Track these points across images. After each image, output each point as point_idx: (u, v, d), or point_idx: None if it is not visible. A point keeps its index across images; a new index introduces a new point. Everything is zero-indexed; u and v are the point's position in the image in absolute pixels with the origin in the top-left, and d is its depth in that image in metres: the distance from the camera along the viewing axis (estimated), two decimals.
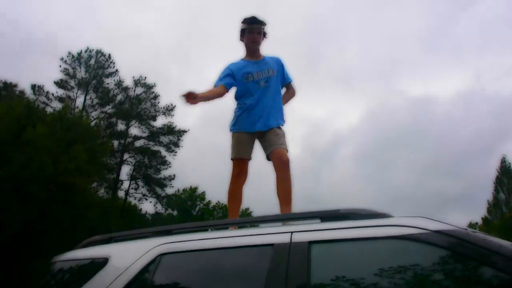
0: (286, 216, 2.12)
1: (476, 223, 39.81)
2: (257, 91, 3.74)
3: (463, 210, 59.82)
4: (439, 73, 77.81)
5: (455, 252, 1.52)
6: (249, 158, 3.75)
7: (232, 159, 3.74)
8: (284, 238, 1.77)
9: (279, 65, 3.92)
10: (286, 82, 3.98)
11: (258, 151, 3.79)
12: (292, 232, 1.79)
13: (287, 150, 3.59)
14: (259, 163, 3.84)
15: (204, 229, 2.28)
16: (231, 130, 3.84)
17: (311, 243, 1.71)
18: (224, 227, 2.30)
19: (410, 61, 74.13)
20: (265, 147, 3.67)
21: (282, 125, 3.79)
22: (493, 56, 73.75)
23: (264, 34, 3.90)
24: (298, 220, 2.05)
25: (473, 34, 78.57)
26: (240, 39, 3.91)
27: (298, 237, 1.75)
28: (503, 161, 39.94)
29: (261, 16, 3.85)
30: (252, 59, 3.88)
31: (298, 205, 3.47)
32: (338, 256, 1.72)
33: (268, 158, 3.63)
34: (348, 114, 77.13)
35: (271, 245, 1.77)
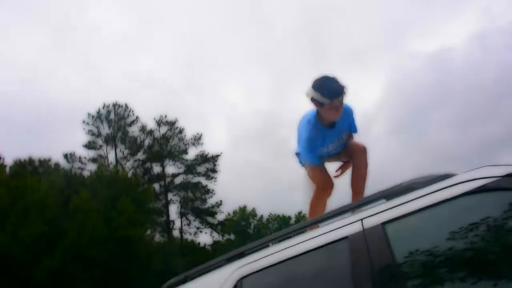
0: (350, 206, 2.02)
1: None
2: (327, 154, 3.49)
3: None
4: (445, 22, 75.63)
5: None
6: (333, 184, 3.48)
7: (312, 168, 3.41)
8: (356, 227, 1.73)
9: (350, 119, 3.34)
10: (350, 131, 3.43)
11: None
12: (362, 220, 1.75)
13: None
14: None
15: (272, 242, 2.22)
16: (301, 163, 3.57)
17: (384, 224, 1.65)
18: (293, 234, 2.23)
19: (414, 19, 72.38)
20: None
21: None
22: None
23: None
24: (363, 206, 1.97)
25: None
26: (314, 105, 3.20)
27: (370, 222, 1.70)
28: None
29: (340, 79, 3.08)
30: (327, 124, 3.25)
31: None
32: (415, 229, 1.65)
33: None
34: (370, 91, 75.80)
35: (345, 237, 1.73)
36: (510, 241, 1.46)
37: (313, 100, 3.09)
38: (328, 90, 2.98)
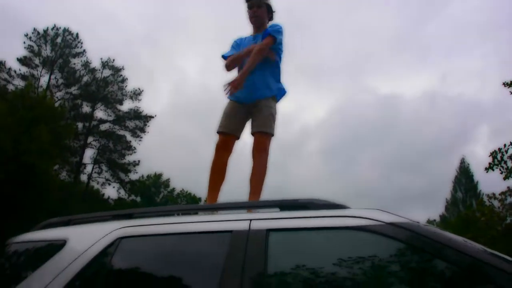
0: (246, 204, 2.13)
1: (434, 220, 41.21)
2: (244, 64, 3.59)
3: (423, 207, 61.85)
4: (407, 72, 79.65)
5: (408, 244, 1.57)
6: (235, 135, 3.58)
7: (217, 132, 3.58)
8: (243, 225, 1.80)
9: (272, 31, 3.66)
10: (266, 34, 3.66)
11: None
12: (251, 220, 1.82)
13: (269, 134, 3.46)
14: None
15: (165, 214, 2.25)
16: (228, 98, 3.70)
17: (269, 230, 1.74)
18: (185, 213, 2.30)
19: (380, 59, 75.50)
20: (251, 127, 3.55)
21: (271, 96, 3.61)
22: (459, 60, 75.87)
23: (269, 8, 3.84)
24: (258, 208, 2.08)
25: (441, 36, 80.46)
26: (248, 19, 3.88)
27: (257, 225, 1.78)
28: (462, 161, 41.46)
29: None
30: (254, 34, 3.84)
31: (263, 197, 3.44)
32: (295, 244, 1.75)
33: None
34: (316, 108, 77.98)
35: (230, 231, 1.80)
36: (377, 282, 1.56)
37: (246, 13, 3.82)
38: None
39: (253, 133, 3.49)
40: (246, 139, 3.69)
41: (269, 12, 3.88)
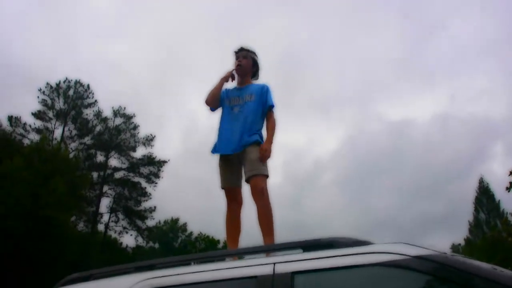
0: (268, 248, 2.09)
1: (459, 244, 40.12)
2: (229, 116, 3.79)
3: (446, 231, 60.30)
4: (415, 97, 79.62)
5: (436, 276, 1.54)
6: (238, 186, 3.68)
7: (221, 188, 3.72)
8: (267, 270, 1.77)
9: (263, 91, 3.84)
10: (266, 106, 3.80)
11: None
12: (274, 263, 1.79)
13: (262, 175, 3.49)
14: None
15: (187, 263, 2.24)
16: (211, 152, 3.82)
17: (294, 273, 1.71)
18: (208, 260, 2.26)
19: (386, 86, 75.76)
20: (244, 173, 3.61)
21: (256, 141, 3.65)
22: (466, 79, 75.88)
23: (254, 62, 4.02)
24: (280, 250, 2.04)
25: (444, 58, 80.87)
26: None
27: (281, 268, 1.75)
28: (481, 181, 40.64)
29: (251, 46, 4.02)
30: (238, 86, 4.00)
31: (281, 235, 3.41)
32: (321, 285, 1.72)
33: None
34: (328, 140, 77.89)
35: (255, 277, 1.77)
36: None
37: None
38: (235, 49, 4.04)
39: (247, 180, 3.53)
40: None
41: (254, 66, 4.05)
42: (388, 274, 1.60)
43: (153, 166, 35.44)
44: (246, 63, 3.97)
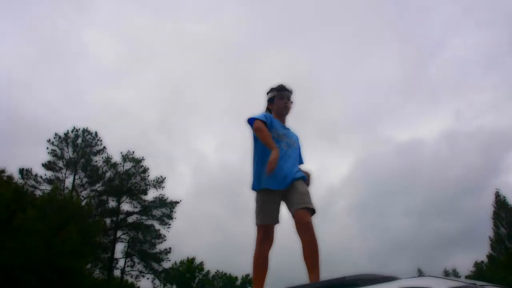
0: None
1: (482, 262, 39.09)
2: (280, 148, 3.56)
3: (467, 250, 59.01)
4: (421, 117, 79.65)
5: None
6: (276, 222, 3.59)
7: (256, 225, 3.57)
8: None
9: (298, 142, 3.90)
10: (301, 162, 3.88)
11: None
12: None
13: (309, 209, 3.37)
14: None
15: None
16: (254, 188, 3.65)
17: None
18: None
19: (392, 108, 76.11)
20: (288, 207, 3.50)
21: (301, 177, 3.59)
22: (469, 94, 76.01)
23: (291, 103, 3.89)
24: None
25: (446, 75, 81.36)
26: (268, 107, 3.91)
27: None
28: (498, 195, 39.87)
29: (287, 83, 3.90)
30: (280, 122, 3.83)
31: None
32: None
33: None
34: (338, 167, 77.60)
35: None
36: None
37: (268, 101, 3.90)
38: (277, 86, 3.86)
39: (294, 212, 3.39)
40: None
41: None
42: None
43: (165, 208, 35.35)
44: (291, 105, 3.88)
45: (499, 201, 39.53)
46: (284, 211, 3.60)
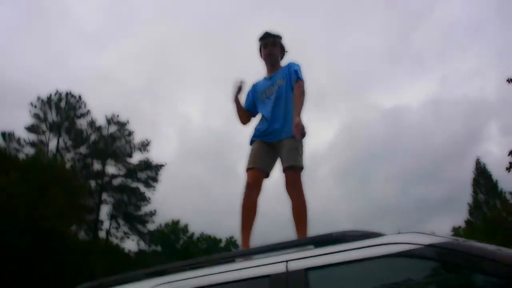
0: (279, 245, 2.07)
1: (460, 227, 40.29)
2: (268, 105, 3.67)
3: (446, 215, 60.66)
4: (406, 84, 79.90)
5: (450, 263, 1.54)
6: (264, 171, 3.54)
7: (246, 170, 3.55)
8: (280, 268, 1.75)
9: (290, 70, 3.71)
10: (292, 81, 3.64)
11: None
12: (287, 261, 1.77)
13: (297, 167, 3.39)
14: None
15: (197, 266, 2.19)
16: (250, 142, 3.73)
17: (307, 270, 1.70)
18: (219, 262, 2.20)
19: (378, 75, 76.00)
20: (281, 163, 3.51)
21: (292, 135, 3.49)
22: (454, 62, 76.19)
23: (282, 47, 3.89)
24: (292, 248, 2.02)
25: (431, 42, 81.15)
26: (260, 58, 3.93)
27: (294, 265, 1.74)
28: (478, 162, 40.70)
29: (275, 30, 3.89)
30: (269, 75, 3.85)
31: (288, 231, 3.36)
32: (336, 280, 1.71)
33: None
34: (323, 133, 78.01)
35: (268, 276, 1.75)
36: None
37: (259, 52, 3.93)
38: (261, 35, 3.88)
39: (282, 170, 3.43)
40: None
41: (282, 51, 3.94)
42: (402, 264, 1.60)
43: (150, 171, 35.51)
44: (276, 51, 3.85)
45: (479, 169, 40.39)
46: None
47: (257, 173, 3.52)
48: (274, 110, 3.60)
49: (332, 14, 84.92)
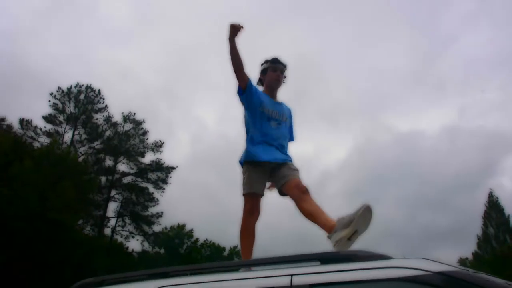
0: (285, 259, 2.06)
1: (467, 258, 39.64)
2: (269, 127, 3.65)
3: (453, 245, 59.65)
4: (424, 109, 79.32)
5: None
6: (262, 194, 3.60)
7: (244, 195, 3.58)
8: (284, 281, 1.74)
9: (290, 117, 3.93)
10: (291, 139, 3.91)
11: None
12: (292, 275, 1.76)
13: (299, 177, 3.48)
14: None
15: (201, 272, 2.20)
16: (241, 161, 3.67)
17: (312, 286, 1.69)
18: (222, 270, 2.22)
19: (396, 97, 75.63)
20: (277, 181, 3.53)
21: (290, 161, 3.67)
22: (475, 93, 75.45)
23: (284, 77, 3.89)
24: (298, 262, 2.00)
25: (455, 71, 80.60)
26: (260, 78, 3.91)
27: (299, 280, 1.73)
28: (491, 195, 40.16)
29: (282, 57, 3.87)
30: (270, 96, 3.83)
31: (294, 247, 3.34)
32: None
33: (281, 192, 3.52)
34: (336, 151, 77.70)
35: None
36: None
37: (261, 72, 3.88)
38: (271, 58, 3.84)
39: (289, 179, 3.44)
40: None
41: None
42: None
43: (161, 172, 35.53)
44: (282, 78, 3.87)
45: (492, 202, 39.81)
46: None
47: (257, 197, 3.58)
48: (277, 135, 3.68)
49: (359, 31, 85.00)
